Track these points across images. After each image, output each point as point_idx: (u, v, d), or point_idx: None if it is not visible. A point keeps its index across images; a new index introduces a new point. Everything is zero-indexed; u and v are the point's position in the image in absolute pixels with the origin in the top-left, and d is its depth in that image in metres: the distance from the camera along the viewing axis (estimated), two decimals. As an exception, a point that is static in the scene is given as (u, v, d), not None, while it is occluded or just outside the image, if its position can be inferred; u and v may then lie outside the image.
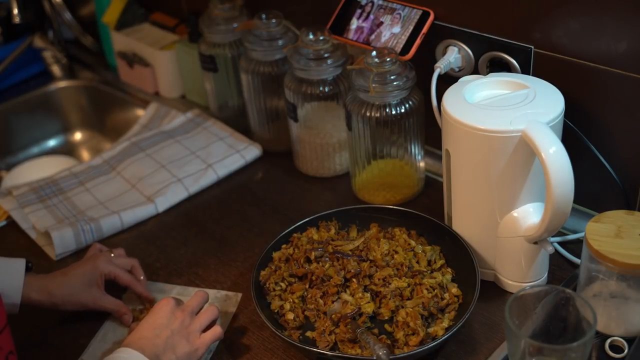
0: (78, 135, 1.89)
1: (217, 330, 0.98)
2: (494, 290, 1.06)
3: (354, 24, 1.27)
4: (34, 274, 1.06)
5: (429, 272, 1.04)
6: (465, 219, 1.06)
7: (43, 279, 1.05)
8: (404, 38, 1.19)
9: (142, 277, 1.12)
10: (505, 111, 0.95)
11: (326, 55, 1.25)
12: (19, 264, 1.04)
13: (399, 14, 1.22)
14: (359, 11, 1.27)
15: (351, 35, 1.26)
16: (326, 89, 1.27)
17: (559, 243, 1.13)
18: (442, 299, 1.00)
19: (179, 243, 1.23)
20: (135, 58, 1.70)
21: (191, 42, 1.58)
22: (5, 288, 1.00)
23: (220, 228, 1.26)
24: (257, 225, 1.25)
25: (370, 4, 1.26)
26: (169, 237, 1.25)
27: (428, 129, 1.23)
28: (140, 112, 1.69)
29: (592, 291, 0.94)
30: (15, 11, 1.68)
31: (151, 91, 1.71)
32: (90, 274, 1.06)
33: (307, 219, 1.14)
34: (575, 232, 1.14)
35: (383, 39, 1.22)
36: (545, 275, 1.06)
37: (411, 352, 0.92)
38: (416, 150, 1.23)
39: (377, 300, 1.02)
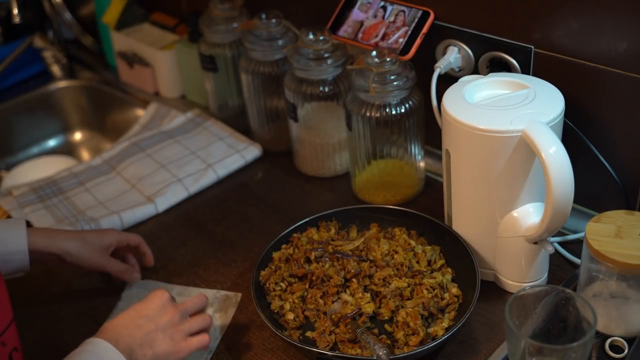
0: (78, 135, 1.89)
1: (204, 338, 0.92)
2: (494, 290, 1.06)
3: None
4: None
5: (429, 272, 1.04)
6: (465, 219, 1.06)
7: (51, 229, 1.10)
8: (404, 38, 1.19)
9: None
10: (505, 111, 0.95)
11: (326, 55, 1.25)
12: (19, 220, 1.05)
13: (399, 14, 1.21)
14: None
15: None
16: (326, 89, 1.27)
17: (559, 243, 1.13)
18: (442, 299, 1.00)
19: (179, 243, 1.23)
20: (135, 58, 1.70)
21: (191, 42, 1.58)
22: (8, 241, 1.01)
23: (220, 228, 1.26)
24: (257, 225, 1.26)
25: (370, 4, 1.26)
26: (169, 237, 1.25)
27: (428, 129, 1.23)
28: (140, 112, 1.69)
29: (592, 291, 0.94)
30: (15, 11, 1.68)
31: (151, 91, 1.71)
32: (102, 239, 1.08)
33: (307, 219, 1.14)
34: (575, 232, 1.14)
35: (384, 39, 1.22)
36: (545, 275, 1.06)
37: (411, 352, 0.92)
38: (416, 150, 1.23)
39: (377, 300, 1.02)
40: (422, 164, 1.27)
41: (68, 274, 1.18)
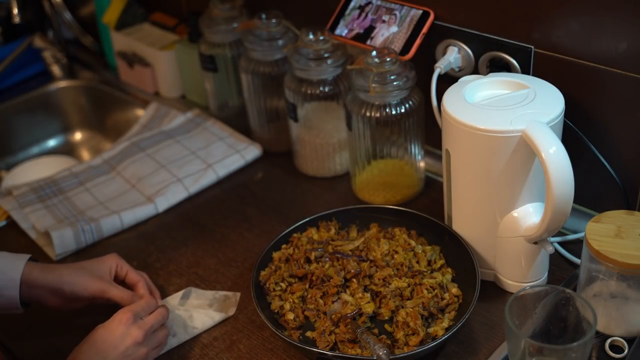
0: (78, 135, 1.89)
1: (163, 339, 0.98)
2: (494, 290, 1.06)
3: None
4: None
5: (429, 272, 1.04)
6: (465, 219, 1.06)
7: (48, 265, 1.03)
8: (404, 38, 1.19)
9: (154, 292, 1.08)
10: (505, 111, 0.95)
11: (326, 55, 1.25)
12: (23, 257, 1.02)
13: (399, 14, 1.22)
14: (359, 11, 1.27)
15: (351, 35, 1.26)
16: (326, 89, 1.27)
17: (559, 243, 1.13)
18: (442, 299, 1.00)
19: (179, 243, 1.23)
20: (135, 58, 1.70)
21: (191, 42, 1.58)
22: (3, 276, 0.98)
23: (220, 228, 1.26)
24: (257, 225, 1.25)
25: (370, 4, 1.26)
26: (169, 237, 1.25)
27: (428, 129, 1.23)
28: (140, 112, 1.69)
29: (592, 291, 0.94)
30: (15, 11, 1.68)
31: (151, 91, 1.71)
32: (99, 266, 1.04)
33: (307, 219, 1.14)
34: (575, 232, 1.14)
35: (383, 39, 1.22)
36: (545, 275, 1.06)
37: (411, 352, 0.92)
38: (416, 150, 1.23)
39: (377, 300, 1.02)
40: (422, 164, 1.27)
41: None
